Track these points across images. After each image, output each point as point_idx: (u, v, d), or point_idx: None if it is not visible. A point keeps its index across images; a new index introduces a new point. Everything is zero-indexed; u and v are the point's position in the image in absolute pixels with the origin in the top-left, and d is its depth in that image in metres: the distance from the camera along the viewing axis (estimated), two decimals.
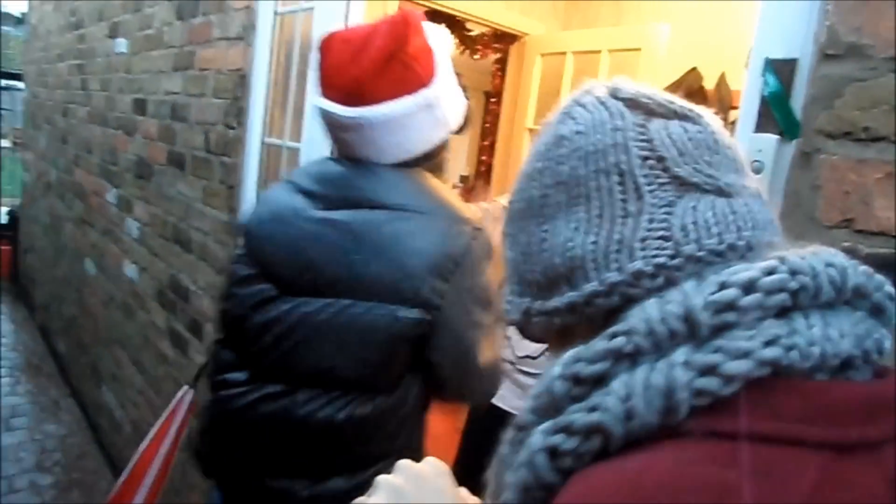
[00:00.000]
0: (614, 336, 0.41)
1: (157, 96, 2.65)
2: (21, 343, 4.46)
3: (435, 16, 3.53)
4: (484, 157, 3.97)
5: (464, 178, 4.39)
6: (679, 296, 0.40)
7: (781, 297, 0.39)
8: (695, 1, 3.13)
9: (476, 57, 3.76)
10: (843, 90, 0.79)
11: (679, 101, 0.50)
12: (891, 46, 0.75)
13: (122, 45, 3.07)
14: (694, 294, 0.40)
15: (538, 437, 0.41)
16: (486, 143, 3.98)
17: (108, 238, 3.23)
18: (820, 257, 0.41)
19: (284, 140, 1.86)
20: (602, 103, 0.50)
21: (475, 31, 3.70)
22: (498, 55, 3.80)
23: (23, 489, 2.90)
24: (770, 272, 0.40)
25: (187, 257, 2.36)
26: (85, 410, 3.61)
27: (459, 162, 4.66)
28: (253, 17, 1.94)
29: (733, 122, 0.92)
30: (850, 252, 0.78)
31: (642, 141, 0.47)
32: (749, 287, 0.39)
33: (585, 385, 0.41)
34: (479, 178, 3.78)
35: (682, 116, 0.49)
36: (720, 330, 0.38)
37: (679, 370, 0.37)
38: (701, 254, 0.43)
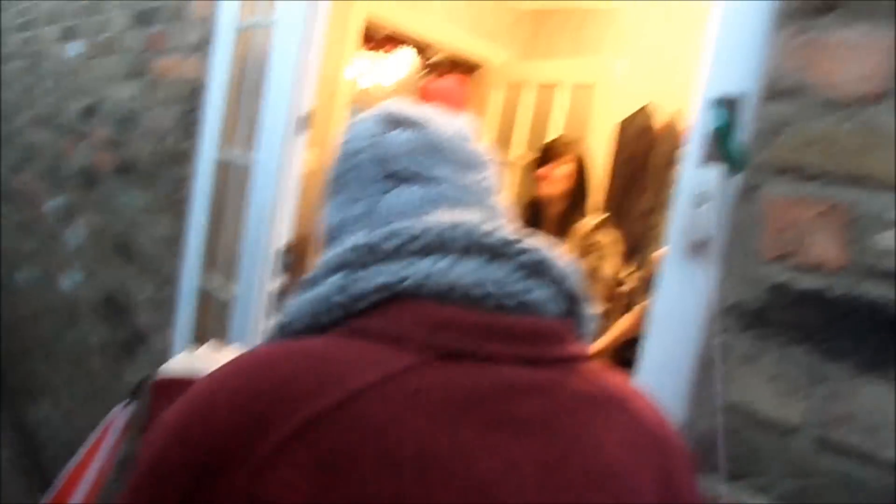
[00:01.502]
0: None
1: (108, 103, 2.58)
2: None
3: (396, 41, 3.56)
4: None
5: None
6: (345, 242, 0.56)
7: (418, 244, 0.52)
8: (654, 36, 3.23)
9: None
10: (784, 128, 0.82)
11: (419, 115, 0.63)
12: (829, 88, 0.78)
13: (74, 49, 2.99)
14: (352, 241, 0.55)
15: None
16: None
17: (47, 247, 3.11)
18: (457, 219, 0.54)
19: (237, 153, 1.83)
20: (370, 118, 0.64)
21: (436, 57, 3.74)
22: None
23: None
24: (410, 226, 0.53)
25: (129, 269, 2.28)
26: (16, 427, 3.44)
27: None
28: (211, 28, 1.92)
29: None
30: (788, 286, 0.81)
31: (377, 146, 0.61)
32: (389, 236, 0.53)
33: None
34: None
35: (414, 125, 0.62)
36: (365, 265, 0.52)
37: (324, 289, 0.53)
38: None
